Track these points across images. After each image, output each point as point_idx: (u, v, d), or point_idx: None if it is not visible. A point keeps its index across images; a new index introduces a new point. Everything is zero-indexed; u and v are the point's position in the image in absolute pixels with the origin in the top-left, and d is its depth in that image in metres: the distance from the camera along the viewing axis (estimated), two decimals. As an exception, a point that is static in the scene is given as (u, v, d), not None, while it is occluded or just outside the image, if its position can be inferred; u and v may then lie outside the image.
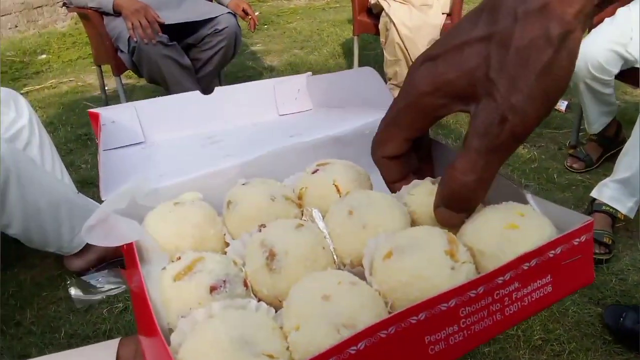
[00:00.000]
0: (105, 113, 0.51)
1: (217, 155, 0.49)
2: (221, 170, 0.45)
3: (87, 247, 1.55)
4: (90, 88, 3.15)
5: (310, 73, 0.60)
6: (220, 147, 0.51)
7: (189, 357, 0.29)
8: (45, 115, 2.75)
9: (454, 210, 0.34)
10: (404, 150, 0.38)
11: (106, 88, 2.73)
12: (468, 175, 0.32)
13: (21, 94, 1.72)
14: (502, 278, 0.30)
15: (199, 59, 2.38)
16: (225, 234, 0.41)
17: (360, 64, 2.88)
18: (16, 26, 4.25)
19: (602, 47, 1.70)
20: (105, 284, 0.40)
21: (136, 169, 0.49)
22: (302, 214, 0.42)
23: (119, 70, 2.29)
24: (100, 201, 0.38)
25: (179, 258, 0.36)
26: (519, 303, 0.31)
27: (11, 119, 1.53)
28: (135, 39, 2.10)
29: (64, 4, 2.37)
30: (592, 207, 1.64)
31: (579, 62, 1.31)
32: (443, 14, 2.36)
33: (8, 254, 1.71)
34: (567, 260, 0.32)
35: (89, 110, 0.52)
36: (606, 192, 1.59)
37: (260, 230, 0.37)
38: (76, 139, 2.49)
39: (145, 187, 0.41)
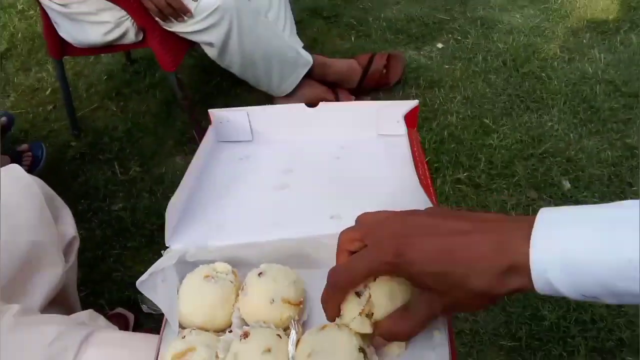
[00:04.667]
0: (219, 114, 0.67)
1: (275, 218, 0.55)
2: (265, 242, 0.51)
3: (292, 93, 1.70)
4: None
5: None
6: (283, 202, 0.59)
7: None
8: None
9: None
10: None
11: None
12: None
13: None
14: None
15: None
16: (234, 312, 0.48)
17: None
18: None
19: None
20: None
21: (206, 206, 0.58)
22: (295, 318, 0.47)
23: None
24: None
25: (184, 337, 0.46)
26: None
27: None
28: None
29: None
30: None
31: None
32: None
33: (223, 85, 1.96)
34: None
35: (209, 110, 0.68)
36: None
37: (241, 338, 0.45)
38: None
39: (197, 245, 0.51)
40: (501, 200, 1.45)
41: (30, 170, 1.53)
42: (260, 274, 0.48)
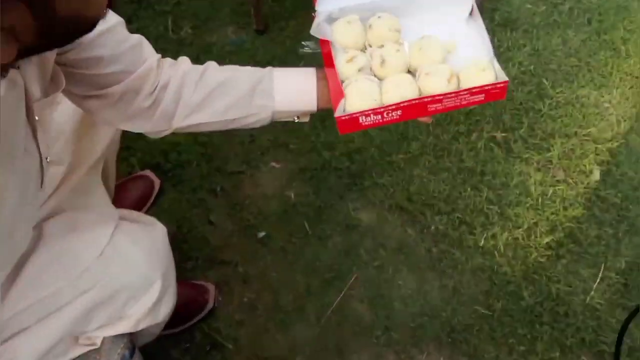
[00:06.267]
0: None
1: None
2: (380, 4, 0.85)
3: None
4: None
5: None
6: None
7: (348, 93, 0.76)
8: None
9: None
10: None
11: None
12: None
13: None
14: (465, 92, 0.76)
15: None
16: (366, 39, 0.84)
17: None
18: None
19: None
20: (312, 46, 0.87)
21: None
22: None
23: None
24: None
25: (347, 52, 0.81)
26: (468, 99, 0.77)
27: None
28: None
29: None
30: None
31: None
32: None
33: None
34: (493, 91, 0.76)
35: None
36: None
37: (381, 47, 0.81)
38: None
39: (337, 7, 0.85)
40: (526, 173, 1.47)
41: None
42: (379, 17, 0.83)
